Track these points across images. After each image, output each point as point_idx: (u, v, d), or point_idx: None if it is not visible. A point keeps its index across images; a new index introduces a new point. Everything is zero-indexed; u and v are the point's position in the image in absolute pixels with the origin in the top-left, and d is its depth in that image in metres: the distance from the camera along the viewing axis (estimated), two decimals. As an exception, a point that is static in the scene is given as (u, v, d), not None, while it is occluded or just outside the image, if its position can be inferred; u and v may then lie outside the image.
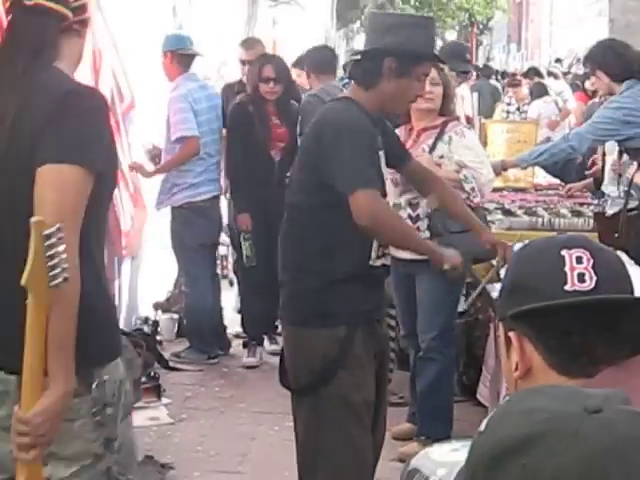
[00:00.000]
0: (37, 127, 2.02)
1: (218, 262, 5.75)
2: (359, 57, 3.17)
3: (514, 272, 1.45)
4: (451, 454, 1.05)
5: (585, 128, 4.97)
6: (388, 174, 3.53)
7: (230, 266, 6.10)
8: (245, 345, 5.15)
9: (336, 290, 2.99)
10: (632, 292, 1.34)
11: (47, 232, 1.81)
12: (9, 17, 2.15)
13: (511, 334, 1.33)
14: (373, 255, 3.02)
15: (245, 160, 4.97)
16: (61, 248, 1.84)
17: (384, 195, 3.11)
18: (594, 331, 1.29)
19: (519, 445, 0.83)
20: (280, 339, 4.76)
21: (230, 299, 5.72)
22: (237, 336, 5.37)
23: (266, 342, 5.26)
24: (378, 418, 3.09)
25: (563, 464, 0.80)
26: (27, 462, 2.01)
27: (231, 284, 6.02)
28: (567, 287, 1.29)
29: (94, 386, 2.16)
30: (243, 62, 5.55)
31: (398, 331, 4.34)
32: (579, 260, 1.30)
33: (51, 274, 1.81)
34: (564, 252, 1.32)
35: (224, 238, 5.71)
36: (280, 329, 4.58)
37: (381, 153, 3.13)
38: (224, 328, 5.25)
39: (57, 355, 1.97)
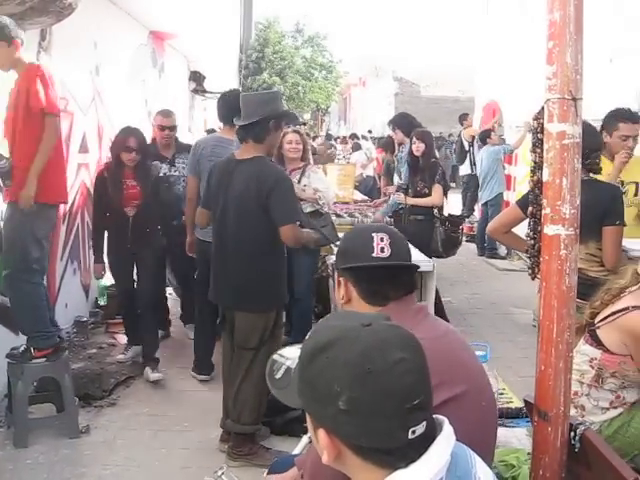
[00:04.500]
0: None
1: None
2: (246, 123, 3.43)
3: (345, 243, 1.74)
4: (295, 351, 1.25)
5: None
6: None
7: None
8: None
9: (271, 290, 3.56)
10: (410, 258, 1.73)
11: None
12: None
13: (340, 279, 1.66)
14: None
15: (101, 217, 4.96)
16: None
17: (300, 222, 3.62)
18: (386, 280, 1.62)
19: (324, 345, 1.08)
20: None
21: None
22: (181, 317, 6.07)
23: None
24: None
25: (350, 354, 1.05)
26: None
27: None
28: (373, 254, 1.60)
29: None
30: (162, 127, 5.53)
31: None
32: (382, 239, 1.62)
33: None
34: (374, 234, 1.64)
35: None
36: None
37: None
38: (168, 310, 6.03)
39: None
